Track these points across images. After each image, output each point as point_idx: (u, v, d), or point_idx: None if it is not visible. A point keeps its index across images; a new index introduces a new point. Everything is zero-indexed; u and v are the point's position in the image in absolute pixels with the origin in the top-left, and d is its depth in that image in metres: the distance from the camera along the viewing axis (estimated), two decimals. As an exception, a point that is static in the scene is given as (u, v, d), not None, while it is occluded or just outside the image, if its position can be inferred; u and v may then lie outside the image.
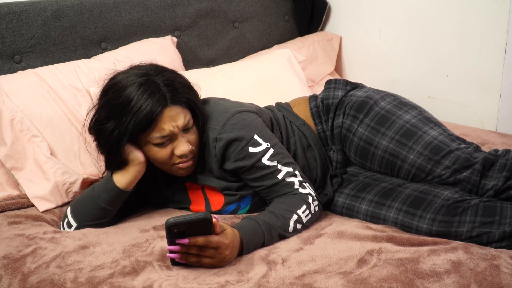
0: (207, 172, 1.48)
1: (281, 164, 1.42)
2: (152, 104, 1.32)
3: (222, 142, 1.41)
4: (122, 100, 1.34)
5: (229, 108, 1.46)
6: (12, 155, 1.66)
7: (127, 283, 1.15)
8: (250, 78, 2.13)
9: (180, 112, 1.37)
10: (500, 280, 1.09)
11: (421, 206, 1.36)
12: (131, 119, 1.32)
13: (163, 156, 1.39)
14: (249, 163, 1.41)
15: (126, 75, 1.38)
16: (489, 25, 2.06)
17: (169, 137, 1.37)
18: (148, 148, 1.39)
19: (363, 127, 1.53)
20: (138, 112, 1.32)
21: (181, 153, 1.38)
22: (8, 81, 1.76)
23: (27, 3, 1.91)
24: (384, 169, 1.52)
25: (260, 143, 1.42)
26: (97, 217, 1.43)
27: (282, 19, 2.61)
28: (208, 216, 1.14)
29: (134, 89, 1.34)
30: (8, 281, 1.20)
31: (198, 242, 1.15)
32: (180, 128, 1.37)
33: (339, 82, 1.65)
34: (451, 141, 1.46)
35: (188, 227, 1.14)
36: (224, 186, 1.47)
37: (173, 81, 1.38)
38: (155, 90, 1.34)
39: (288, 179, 1.42)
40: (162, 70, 1.41)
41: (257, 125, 1.45)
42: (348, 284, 1.10)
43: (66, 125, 1.78)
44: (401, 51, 2.41)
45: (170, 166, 1.42)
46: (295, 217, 1.35)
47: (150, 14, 2.16)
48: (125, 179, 1.41)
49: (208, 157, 1.45)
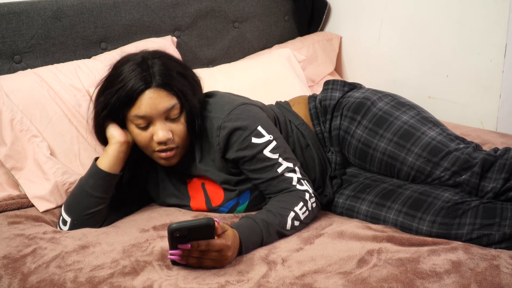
0: (208, 163, 1.48)
1: (282, 158, 1.42)
2: (135, 82, 1.35)
3: (226, 131, 1.41)
4: (113, 74, 1.39)
5: (234, 100, 1.48)
6: (12, 155, 1.66)
7: (127, 283, 1.15)
8: (250, 78, 2.13)
9: (165, 97, 1.37)
10: (500, 280, 1.09)
11: (421, 208, 1.36)
12: (115, 94, 1.36)
13: (142, 140, 1.40)
14: (251, 153, 1.41)
15: (129, 55, 1.42)
16: (489, 25, 2.06)
17: (148, 120, 1.38)
18: (131, 128, 1.41)
19: (361, 129, 1.52)
20: (122, 87, 1.35)
21: (159, 139, 1.38)
22: (8, 81, 1.76)
23: (27, 3, 1.91)
24: (383, 171, 1.52)
25: (263, 135, 1.42)
26: (88, 206, 1.42)
27: (282, 19, 2.61)
28: (211, 222, 1.13)
29: (127, 66, 1.38)
30: (8, 281, 1.20)
31: (200, 247, 1.15)
32: (160, 113, 1.37)
33: (337, 83, 1.65)
34: (450, 141, 1.45)
35: (190, 232, 1.13)
36: (224, 179, 1.47)
37: (169, 68, 1.39)
38: (144, 70, 1.36)
39: (287, 174, 1.41)
40: (163, 56, 1.43)
41: (262, 117, 1.46)
42: (348, 284, 1.10)
43: (66, 125, 1.78)
44: (401, 51, 2.41)
45: (151, 153, 1.43)
46: (292, 214, 1.35)
47: (150, 14, 2.16)
48: (105, 159, 1.42)
49: (211, 147, 1.45)
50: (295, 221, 1.36)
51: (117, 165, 1.43)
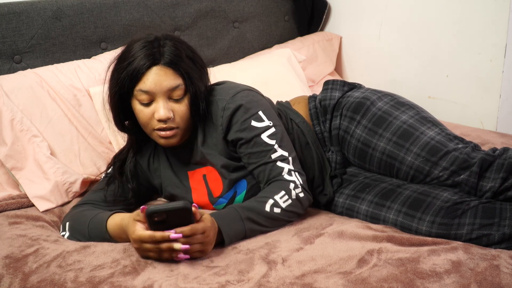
0: (210, 146, 1.49)
1: (278, 145, 1.44)
2: (144, 58, 1.37)
3: (229, 111, 1.44)
4: (125, 51, 1.41)
5: (240, 85, 1.52)
6: (12, 155, 1.66)
7: (127, 283, 1.15)
8: (250, 78, 2.13)
9: (170, 75, 1.38)
10: (500, 280, 1.09)
11: (420, 208, 1.36)
12: (125, 68, 1.38)
13: (143, 117, 1.41)
14: (249, 136, 1.43)
15: (142, 35, 1.44)
16: (489, 25, 2.06)
17: (151, 97, 1.39)
18: (134, 104, 1.42)
19: (361, 129, 1.52)
20: (132, 62, 1.37)
21: (159, 116, 1.39)
22: (8, 81, 1.76)
23: (27, 3, 1.91)
24: (383, 170, 1.52)
25: (263, 119, 1.45)
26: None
27: (282, 19, 2.61)
28: (187, 205, 1.16)
29: (138, 44, 1.40)
30: (9, 280, 1.20)
31: (185, 232, 1.17)
32: (164, 91, 1.38)
33: (337, 83, 1.65)
34: (448, 141, 1.46)
35: (168, 215, 1.16)
36: (224, 163, 1.48)
37: (179, 50, 1.41)
38: (154, 48, 1.38)
39: (279, 163, 1.43)
40: (175, 39, 1.44)
41: (264, 104, 1.49)
42: (348, 284, 1.10)
43: (66, 125, 1.78)
44: (401, 51, 2.41)
45: (151, 131, 1.44)
46: (271, 201, 1.38)
47: (150, 14, 2.16)
48: (116, 232, 1.34)
49: (214, 129, 1.47)
50: (274, 208, 1.37)
51: (120, 239, 1.36)
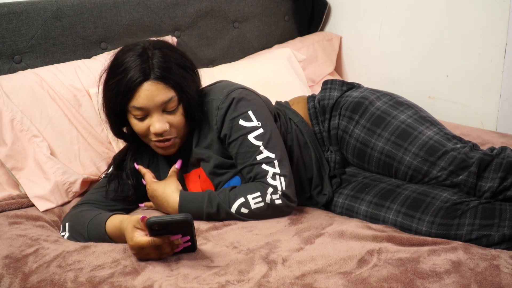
0: (205, 146, 1.50)
1: (264, 147, 1.43)
2: (134, 73, 1.36)
3: (222, 110, 1.44)
4: (115, 65, 1.41)
5: (235, 84, 1.52)
6: (12, 155, 1.66)
7: (127, 283, 1.15)
8: (250, 78, 2.13)
9: (162, 89, 1.38)
10: (500, 280, 1.09)
11: (420, 208, 1.36)
12: (116, 84, 1.38)
13: (139, 130, 1.43)
14: (236, 135, 1.44)
15: (130, 44, 1.44)
16: (489, 25, 2.06)
17: (146, 112, 1.40)
18: (130, 118, 1.43)
19: (359, 129, 1.52)
20: (122, 79, 1.37)
21: (155, 130, 1.40)
22: (8, 81, 1.76)
23: (27, 3, 1.91)
24: (381, 170, 1.52)
25: (251, 119, 1.44)
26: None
27: (282, 19, 2.61)
28: (188, 218, 1.17)
29: (127, 56, 1.39)
30: (9, 280, 1.20)
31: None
32: (157, 105, 1.39)
33: (335, 83, 1.65)
34: (447, 140, 1.45)
35: (168, 226, 1.17)
36: (219, 162, 1.48)
37: (168, 60, 1.40)
38: (143, 61, 1.38)
39: (264, 166, 1.42)
40: (164, 46, 1.44)
41: (256, 103, 1.48)
42: (348, 284, 1.10)
43: (66, 125, 1.78)
44: (401, 51, 2.41)
45: (149, 141, 1.46)
46: (242, 200, 1.39)
47: (150, 14, 2.16)
48: (115, 233, 1.33)
49: (210, 130, 1.47)
50: (242, 208, 1.38)
51: (119, 240, 1.34)
